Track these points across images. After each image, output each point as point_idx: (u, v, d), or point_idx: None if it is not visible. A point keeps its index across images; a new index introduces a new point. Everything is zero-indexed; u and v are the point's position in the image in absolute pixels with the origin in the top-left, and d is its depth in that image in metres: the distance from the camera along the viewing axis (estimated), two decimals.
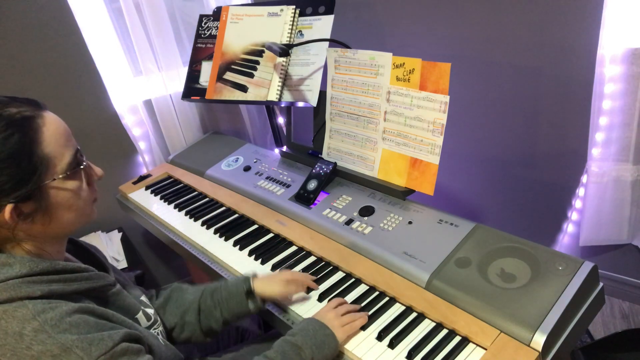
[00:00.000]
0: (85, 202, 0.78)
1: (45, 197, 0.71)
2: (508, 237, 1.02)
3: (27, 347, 0.64)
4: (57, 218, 0.74)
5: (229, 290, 1.01)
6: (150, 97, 1.80)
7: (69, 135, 0.75)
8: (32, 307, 0.66)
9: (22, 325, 0.65)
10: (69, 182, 0.74)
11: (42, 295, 0.68)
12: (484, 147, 1.73)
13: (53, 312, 0.67)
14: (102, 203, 1.78)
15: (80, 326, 0.67)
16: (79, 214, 0.77)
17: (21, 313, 0.66)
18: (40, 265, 0.71)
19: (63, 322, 0.66)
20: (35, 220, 0.72)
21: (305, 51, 1.47)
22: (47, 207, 0.72)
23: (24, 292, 0.67)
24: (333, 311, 0.93)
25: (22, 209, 0.70)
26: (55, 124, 0.73)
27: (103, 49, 1.69)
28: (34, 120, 0.70)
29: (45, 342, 0.64)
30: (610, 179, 1.47)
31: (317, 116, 1.44)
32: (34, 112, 0.71)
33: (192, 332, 1.01)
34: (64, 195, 0.74)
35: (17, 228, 0.70)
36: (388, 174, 1.26)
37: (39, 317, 0.65)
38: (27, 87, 1.62)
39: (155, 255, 2.05)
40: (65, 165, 0.73)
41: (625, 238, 1.55)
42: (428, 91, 1.13)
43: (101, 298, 0.78)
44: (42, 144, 0.70)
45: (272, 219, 1.31)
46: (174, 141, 1.89)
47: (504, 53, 1.52)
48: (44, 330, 0.65)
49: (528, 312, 0.84)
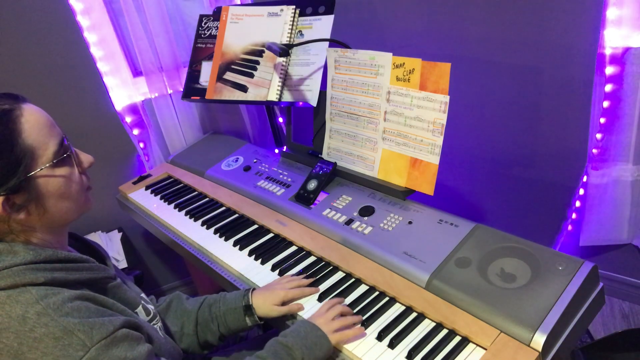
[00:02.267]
0: (77, 189, 0.79)
1: (34, 187, 0.72)
2: (508, 237, 1.02)
3: (30, 329, 0.65)
4: (51, 207, 0.75)
5: (227, 305, 1.01)
6: (150, 97, 1.80)
7: (51, 125, 0.76)
8: (36, 292, 0.68)
9: (26, 309, 0.66)
10: (58, 170, 0.75)
11: (45, 282, 0.69)
12: (484, 147, 1.73)
13: (55, 297, 0.68)
14: (102, 203, 1.80)
15: (82, 311, 0.68)
16: (73, 202, 0.78)
17: (25, 298, 0.67)
18: (44, 254, 0.72)
19: (65, 307, 0.67)
20: (30, 211, 0.73)
21: (305, 51, 1.47)
22: (39, 197, 0.73)
23: (27, 279, 0.68)
24: (323, 317, 0.92)
25: (14, 201, 0.71)
26: (35, 115, 0.73)
27: (103, 49, 1.69)
28: (12, 113, 0.71)
29: (48, 324, 0.65)
30: (610, 179, 1.47)
31: (317, 116, 1.44)
32: (13, 105, 0.72)
33: (190, 343, 1.01)
34: (54, 183, 0.74)
35: (12, 220, 0.72)
36: (388, 174, 1.26)
37: (42, 302, 0.67)
38: (27, 87, 1.62)
39: (155, 255, 2.05)
40: (50, 155, 0.74)
41: (625, 238, 1.55)
42: (428, 91, 1.13)
43: (102, 289, 0.79)
44: (22, 135, 0.71)
45: (272, 219, 1.31)
46: (174, 141, 1.89)
47: (504, 53, 1.52)
48: (46, 314, 0.66)
49: (528, 312, 0.84)
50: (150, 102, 1.81)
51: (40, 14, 1.56)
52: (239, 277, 1.16)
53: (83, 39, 1.64)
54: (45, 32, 1.58)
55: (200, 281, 1.86)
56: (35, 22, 1.56)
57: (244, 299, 1.00)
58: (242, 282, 1.14)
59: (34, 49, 1.59)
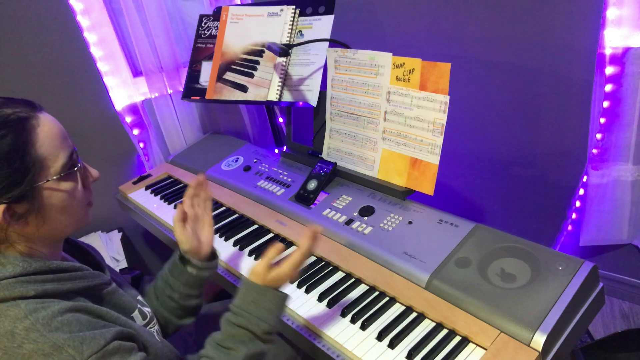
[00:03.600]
0: (79, 204, 0.78)
1: (38, 198, 0.71)
2: (508, 237, 1.02)
3: (19, 345, 0.64)
4: (51, 220, 0.74)
5: (168, 267, 1.04)
6: (150, 97, 1.80)
7: (64, 137, 0.75)
8: (25, 307, 0.66)
9: (14, 324, 0.65)
10: (63, 183, 0.74)
11: (36, 295, 0.68)
12: (484, 147, 1.73)
13: (45, 312, 0.67)
14: (102, 203, 1.80)
15: (72, 325, 0.67)
16: (73, 216, 0.77)
17: (13, 312, 0.66)
18: (34, 265, 0.71)
19: (55, 321, 0.66)
20: (28, 221, 0.72)
21: (305, 51, 1.47)
22: (41, 209, 0.72)
23: (17, 292, 0.67)
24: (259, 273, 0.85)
25: (15, 210, 0.70)
26: (49, 125, 0.73)
27: (103, 49, 1.69)
28: (29, 121, 0.70)
29: (37, 340, 0.64)
30: (610, 179, 1.47)
31: (317, 116, 1.44)
32: (29, 113, 0.71)
33: (164, 318, 1.01)
34: (58, 196, 0.74)
35: (9, 229, 0.71)
36: (388, 174, 1.26)
37: (31, 317, 0.65)
38: (27, 87, 1.62)
39: (155, 255, 2.05)
40: (59, 167, 0.73)
41: (625, 238, 1.55)
42: (428, 91, 1.13)
43: (96, 296, 0.78)
44: (35, 144, 0.70)
45: (272, 219, 1.31)
46: (174, 141, 1.89)
47: (504, 53, 1.52)
48: (35, 329, 0.65)
49: (528, 312, 0.84)
50: (150, 102, 1.81)
51: (40, 14, 1.56)
52: (239, 277, 1.16)
53: (83, 39, 1.64)
54: (45, 32, 1.58)
55: None
56: (35, 22, 1.56)
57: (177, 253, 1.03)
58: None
59: (34, 49, 1.59)
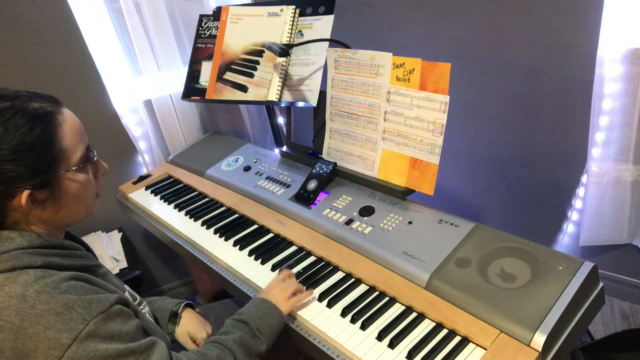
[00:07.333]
0: (90, 194, 0.86)
1: (58, 186, 0.79)
2: (508, 237, 1.02)
3: (31, 306, 0.69)
4: (65, 206, 0.81)
5: (161, 304, 1.10)
6: (150, 97, 1.80)
7: (82, 131, 0.83)
8: (34, 273, 0.72)
9: (25, 288, 0.70)
10: (80, 174, 0.82)
11: (42, 265, 0.74)
12: (484, 147, 1.73)
13: (52, 278, 0.72)
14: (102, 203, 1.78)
15: (78, 289, 0.73)
16: (84, 205, 0.85)
17: (23, 278, 0.71)
18: (38, 240, 0.77)
19: (62, 285, 0.72)
20: (46, 206, 0.79)
21: (305, 51, 1.47)
22: (58, 196, 0.79)
23: (25, 262, 0.73)
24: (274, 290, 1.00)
25: (37, 196, 0.77)
26: (71, 120, 0.81)
27: (103, 49, 1.69)
28: (54, 116, 0.78)
29: (49, 301, 0.69)
30: (610, 179, 1.47)
31: (317, 116, 1.44)
32: (54, 108, 0.79)
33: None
34: (74, 185, 0.81)
35: (30, 213, 0.77)
36: (388, 174, 1.26)
37: (40, 281, 0.71)
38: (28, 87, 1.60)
39: (155, 255, 2.05)
40: (78, 159, 0.81)
41: (625, 238, 1.55)
42: (428, 91, 1.13)
43: (92, 275, 0.83)
44: (59, 137, 0.78)
45: (272, 219, 1.31)
46: (174, 141, 1.89)
47: (504, 53, 1.52)
48: (45, 292, 0.70)
49: (528, 312, 0.84)
50: (150, 102, 1.80)
51: (40, 14, 1.55)
52: (239, 277, 1.16)
53: (83, 39, 1.64)
54: (45, 32, 1.58)
55: (200, 281, 1.86)
56: (35, 22, 1.56)
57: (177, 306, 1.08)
58: (242, 282, 1.14)
59: (34, 49, 1.58)
